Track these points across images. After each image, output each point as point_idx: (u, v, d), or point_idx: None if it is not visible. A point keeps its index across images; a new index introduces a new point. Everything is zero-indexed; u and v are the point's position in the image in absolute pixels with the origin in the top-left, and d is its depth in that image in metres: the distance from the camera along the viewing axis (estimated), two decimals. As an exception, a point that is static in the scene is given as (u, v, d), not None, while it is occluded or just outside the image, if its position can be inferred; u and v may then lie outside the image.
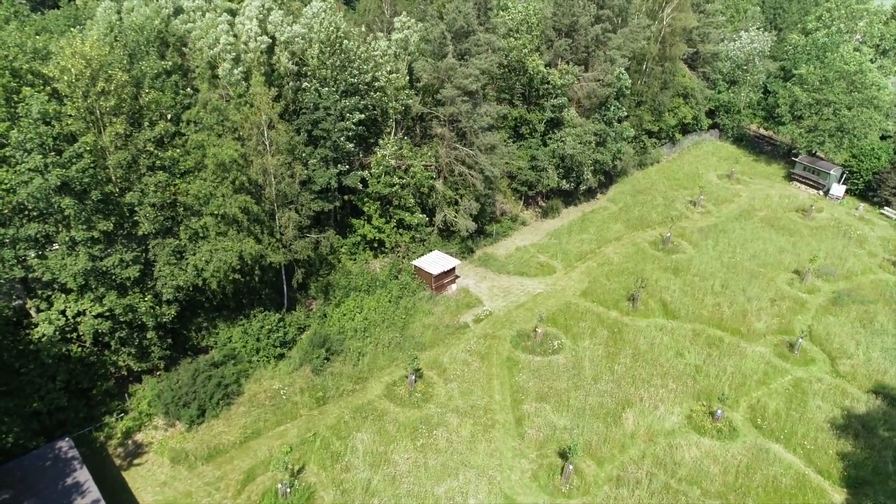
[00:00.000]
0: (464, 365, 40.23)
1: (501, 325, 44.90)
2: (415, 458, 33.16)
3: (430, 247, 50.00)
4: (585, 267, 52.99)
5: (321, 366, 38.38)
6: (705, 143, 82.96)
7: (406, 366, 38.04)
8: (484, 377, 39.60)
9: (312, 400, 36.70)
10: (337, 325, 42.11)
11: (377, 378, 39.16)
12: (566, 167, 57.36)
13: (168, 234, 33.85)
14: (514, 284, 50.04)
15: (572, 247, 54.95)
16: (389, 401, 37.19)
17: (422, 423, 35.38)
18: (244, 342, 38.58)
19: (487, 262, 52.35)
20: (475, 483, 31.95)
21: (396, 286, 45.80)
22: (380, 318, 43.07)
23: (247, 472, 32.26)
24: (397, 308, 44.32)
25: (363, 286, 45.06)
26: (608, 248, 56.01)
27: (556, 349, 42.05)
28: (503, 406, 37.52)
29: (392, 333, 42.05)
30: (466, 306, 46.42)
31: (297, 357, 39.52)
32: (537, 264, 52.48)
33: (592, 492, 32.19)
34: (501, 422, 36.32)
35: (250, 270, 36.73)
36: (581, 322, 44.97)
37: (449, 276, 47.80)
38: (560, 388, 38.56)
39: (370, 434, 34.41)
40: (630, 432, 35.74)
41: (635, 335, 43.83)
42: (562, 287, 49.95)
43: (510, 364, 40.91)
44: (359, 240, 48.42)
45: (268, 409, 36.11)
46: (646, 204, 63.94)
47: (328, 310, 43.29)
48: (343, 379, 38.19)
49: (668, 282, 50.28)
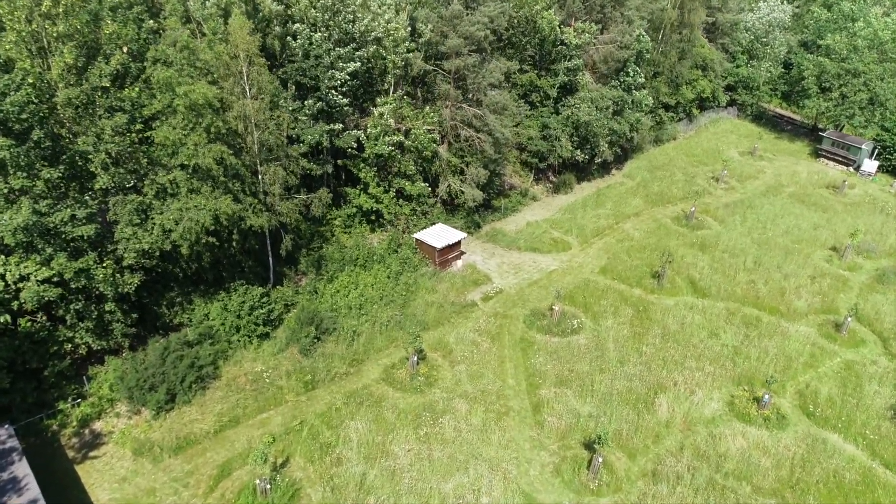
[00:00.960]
0: (472, 346, 35.57)
1: (513, 303, 40.26)
2: (417, 450, 28.51)
3: (433, 220, 45.36)
4: (603, 243, 48.37)
5: (310, 346, 33.70)
6: (723, 121, 78.37)
7: (407, 346, 33.37)
8: (495, 359, 34.93)
9: (300, 384, 32.03)
10: (329, 301, 37.44)
11: (374, 360, 34.50)
12: (581, 137, 52.67)
13: (131, 189, 29.14)
14: (526, 261, 45.41)
15: (588, 222, 50.31)
16: (388, 385, 32.54)
17: (425, 410, 30.73)
18: (223, 319, 33.90)
19: (496, 237, 47.72)
20: (488, 478, 27.29)
21: (396, 261, 41.14)
22: (377, 295, 38.41)
23: (221, 466, 27.58)
24: (397, 284, 39.66)
25: (359, 260, 40.40)
26: (627, 224, 51.40)
27: (575, 329, 37.41)
28: (518, 391, 32.87)
29: (391, 311, 37.38)
30: (474, 283, 41.78)
31: (283, 337, 34.85)
32: (550, 240, 47.88)
33: (625, 488, 27.55)
34: (516, 409, 31.68)
35: (228, 235, 32.02)
36: (602, 300, 40.33)
37: (454, 250, 43.14)
38: (582, 371, 33.91)
39: (366, 422, 29.75)
40: (664, 420, 31.09)
41: (663, 314, 39.20)
42: (578, 264, 45.32)
43: (524, 345, 36.26)
44: (354, 211, 43.73)
45: (248, 394, 31.43)
46: (664, 179, 59.31)
47: (319, 286, 38.61)
48: (335, 361, 33.52)
49: (694, 258, 45.67)
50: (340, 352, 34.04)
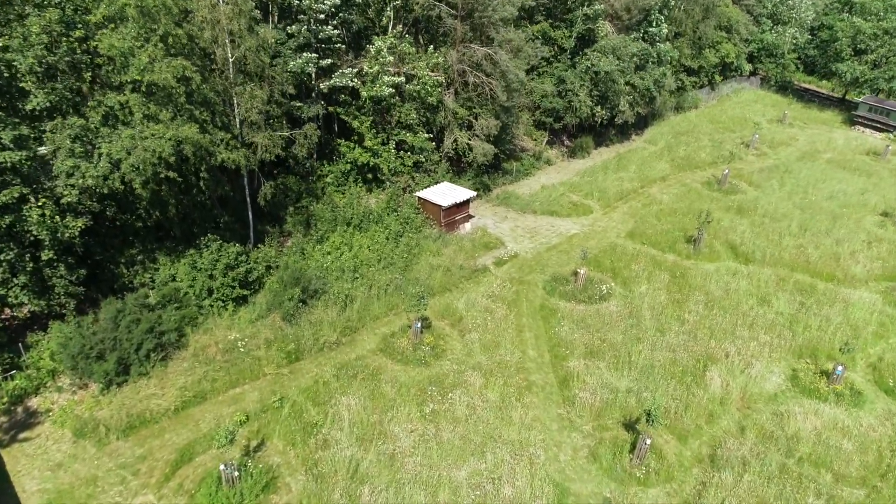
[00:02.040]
0: (486, 313, 30.38)
1: (530, 268, 35.08)
2: (422, 431, 23.33)
3: (438, 180, 40.16)
4: (627, 207, 43.19)
5: (295, 311, 28.50)
6: (745, 91, 73.20)
7: (408, 308, 28.15)
8: (512, 328, 29.75)
9: (281, 355, 26.83)
10: (318, 262, 32.26)
11: (370, 329, 29.32)
12: (600, 93, 47.45)
13: (73, 112, 23.90)
14: (543, 225, 40.22)
15: (610, 185, 45.11)
16: (387, 356, 27.37)
17: (432, 385, 25.55)
18: (192, 280, 28.70)
19: (508, 200, 42.53)
20: (510, 465, 22.11)
21: (395, 221, 35.93)
22: (374, 257, 33.22)
23: (181, 450, 22.39)
24: (397, 246, 34.47)
25: (354, 220, 35.20)
26: (653, 189, 46.22)
27: (604, 295, 32.23)
28: (540, 363, 27.70)
29: (390, 275, 32.18)
30: (485, 247, 36.58)
31: (263, 303, 29.68)
32: (569, 203, 42.69)
33: (678, 477, 22.38)
34: (540, 383, 26.50)
35: (195, 174, 26.79)
36: (632, 265, 35.15)
37: (462, 211, 37.93)
38: (615, 340, 28.73)
39: (360, 398, 24.57)
40: (718, 396, 25.93)
41: (703, 280, 34.02)
42: (602, 228, 40.14)
43: (545, 313, 31.09)
44: (348, 168, 38.51)
45: (219, 365, 26.23)
46: (690, 145, 54.11)
47: (307, 246, 33.42)
48: (324, 329, 28.32)
49: (732, 223, 40.50)
50: (330, 318, 28.85)
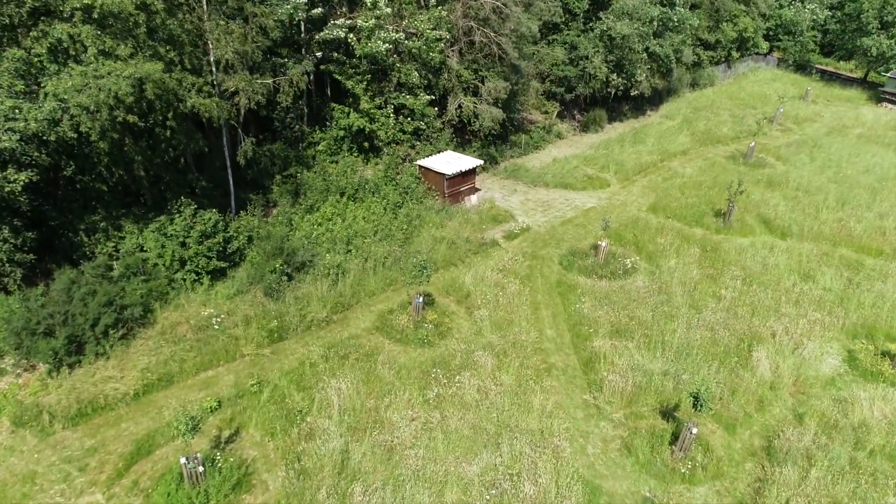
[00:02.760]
0: (496, 288, 26.81)
1: (544, 243, 31.56)
2: (425, 419, 19.79)
3: (441, 149, 36.62)
4: (647, 181, 39.69)
5: (278, 285, 24.94)
6: (762, 70, 69.74)
7: (409, 282, 24.55)
8: (527, 305, 26.20)
9: (262, 333, 23.27)
10: (307, 232, 28.72)
11: (365, 305, 25.79)
12: (616, 59, 43.91)
13: (11, 44, 20.33)
14: (556, 198, 36.70)
15: (627, 159, 41.60)
16: (383, 335, 23.83)
17: (436, 366, 22.00)
18: (161, 249, 25.15)
19: (517, 173, 39.02)
20: (530, 458, 18.56)
21: (394, 191, 32.38)
22: (370, 229, 29.68)
23: (139, 442, 18.84)
24: (395, 218, 30.94)
25: (348, 190, 31.66)
26: (673, 163, 42.74)
27: (628, 270, 28.71)
28: (560, 344, 24.15)
29: (388, 247, 28.64)
30: (493, 220, 33.06)
31: (243, 276, 26.13)
32: (584, 177, 39.19)
33: (729, 472, 18.84)
34: (560, 365, 22.95)
35: (162, 122, 23.19)
36: (657, 238, 31.63)
37: (467, 181, 34.40)
38: (644, 318, 25.18)
39: (352, 382, 21.01)
40: (767, 380, 22.38)
41: (738, 254, 30.52)
42: (621, 201, 36.62)
43: (563, 289, 27.55)
44: (342, 134, 34.96)
45: (191, 345, 22.67)
46: (710, 120, 50.62)
47: (295, 216, 29.88)
48: (312, 304, 24.77)
49: (762, 196, 37.00)
50: (320, 293, 25.30)
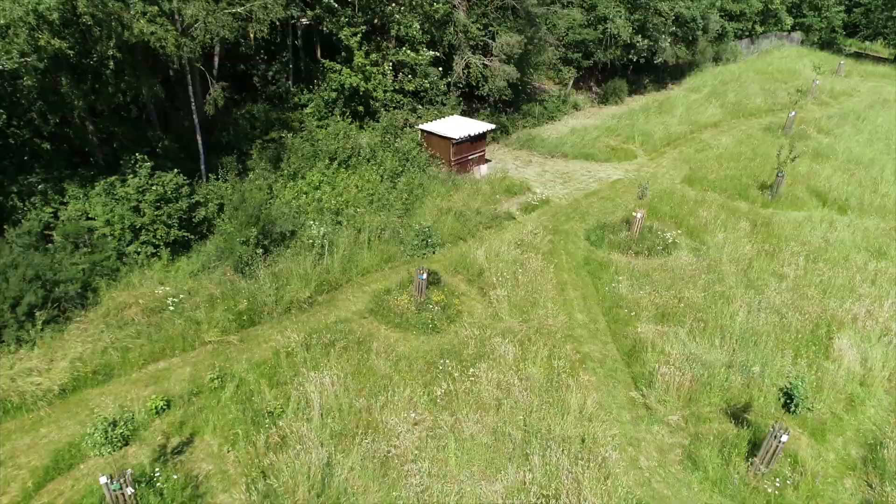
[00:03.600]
0: (514, 265, 22.40)
1: (566, 216, 27.22)
2: (432, 423, 15.42)
3: (446, 114, 32.29)
4: (677, 153, 35.35)
5: (251, 259, 20.55)
6: (786, 48, 65.37)
7: (410, 255, 20.17)
8: (551, 285, 21.81)
9: (229, 316, 18.88)
10: (289, 199, 24.37)
11: (357, 284, 21.42)
12: (640, 22, 39.58)
13: None
14: (577, 169, 32.37)
15: (654, 129, 37.26)
16: (379, 319, 19.47)
17: (444, 357, 17.62)
18: (109, 215, 20.78)
19: (532, 143, 34.68)
20: (569, 473, 14.15)
21: (392, 157, 28.00)
22: (364, 198, 25.32)
23: (58, 453, 14.47)
24: (394, 187, 26.59)
25: (339, 156, 27.29)
26: (704, 135, 38.40)
27: (668, 245, 24.34)
28: (594, 330, 19.78)
29: (385, 218, 24.27)
30: (507, 191, 28.70)
31: (211, 250, 21.75)
32: (607, 147, 34.88)
33: (826, 493, 14.46)
34: (597, 356, 18.58)
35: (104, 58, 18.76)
36: (699, 211, 27.27)
37: (476, 148, 30.04)
38: (694, 300, 20.81)
39: (339, 376, 16.61)
40: (857, 374, 18.00)
41: (794, 229, 26.14)
42: (650, 173, 32.28)
43: (593, 267, 23.19)
44: (333, 96, 30.57)
45: (139, 330, 18.30)
46: (739, 93, 46.25)
47: (276, 183, 25.51)
48: (293, 283, 20.39)
49: (809, 168, 32.65)
50: (302, 270, 20.91)
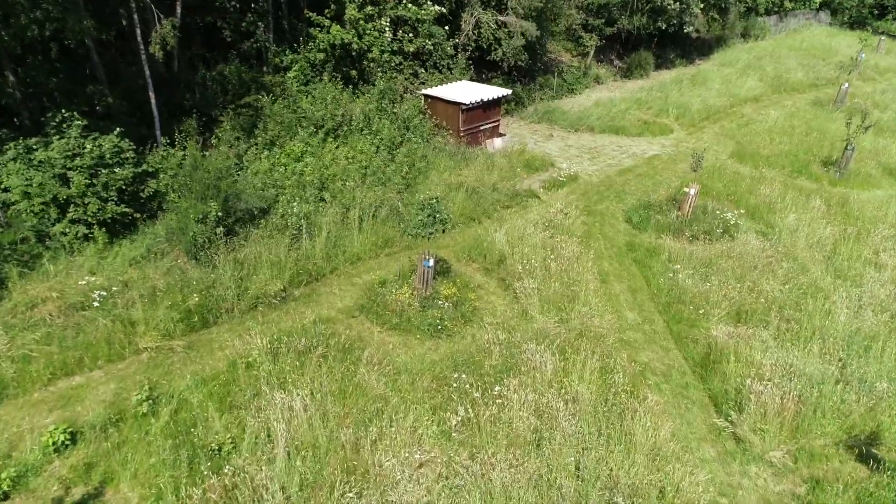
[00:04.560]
0: (545, 251, 17.78)
1: (599, 195, 22.70)
2: (444, 465, 10.85)
3: (452, 81, 27.77)
4: (719, 128, 30.83)
5: (209, 242, 15.97)
6: (814, 27, 60.87)
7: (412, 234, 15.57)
8: (591, 276, 17.22)
9: (174, 316, 14.30)
10: (262, 173, 19.80)
11: (345, 275, 16.87)
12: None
13: None
14: (605, 144, 27.87)
15: (690, 102, 32.74)
16: (372, 319, 14.91)
17: (458, 370, 13.05)
18: (26, 185, 16.23)
19: (552, 116, 30.17)
20: (647, 545, 9.64)
21: (390, 126, 23.43)
22: (356, 171, 20.75)
23: None
24: (392, 159, 22.05)
25: (326, 122, 22.75)
26: (745, 109, 33.88)
27: (729, 227, 19.79)
28: (650, 333, 15.24)
29: (381, 193, 19.71)
30: (527, 167, 24.14)
31: (161, 231, 17.19)
32: (638, 121, 30.37)
33: None
34: (659, 367, 14.02)
35: None
36: (760, 189, 22.74)
37: (490, 116, 25.48)
38: (775, 295, 16.25)
39: (314, 396, 12.06)
40: None
41: (877, 209, 21.64)
42: (690, 148, 27.68)
43: (639, 254, 18.67)
44: (321, 57, 26.00)
45: (51, 334, 13.75)
46: (778, 67, 41.74)
47: (246, 154, 20.95)
48: (261, 272, 15.80)
49: (874, 144, 28.18)
50: (274, 256, 16.35)
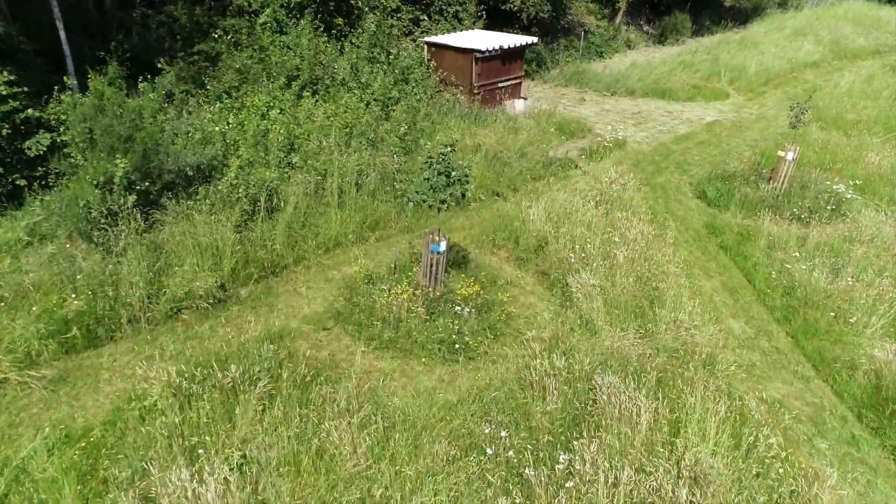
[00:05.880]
0: (601, 234, 12.52)
1: (655, 166, 17.56)
2: None
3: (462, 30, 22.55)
4: (782, 93, 25.73)
5: (110, 217, 10.71)
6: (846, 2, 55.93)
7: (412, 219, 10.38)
8: (673, 269, 11.96)
9: (40, 331, 9.06)
10: (207, 128, 14.56)
11: (318, 265, 11.61)
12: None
13: None
14: (651, 109, 22.76)
15: (745, 64, 27.67)
16: (353, 331, 9.64)
17: (491, 418, 7.81)
18: None
19: (582, 78, 25.07)
20: None
21: (384, 78, 18.18)
22: (341, 128, 15.52)
23: None
24: (387, 116, 16.86)
25: (302, 73, 17.55)
26: (806, 74, 28.79)
27: (840, 203, 14.61)
28: (771, 351, 10.01)
29: (370, 158, 14.45)
30: (559, 131, 18.93)
31: (55, 204, 11.94)
32: (686, 85, 25.26)
33: None
34: (804, 411, 8.77)
35: None
36: (866, 155, 17.58)
37: (510, 72, 20.26)
38: (944, 293, 11.09)
39: (251, 465, 6.84)
40: None
41: None
42: (755, 115, 22.70)
43: (726, 238, 13.50)
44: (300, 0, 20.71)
45: None
46: (832, 33, 36.71)
47: (188, 105, 15.69)
48: (188, 263, 10.55)
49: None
50: (212, 240, 11.08)
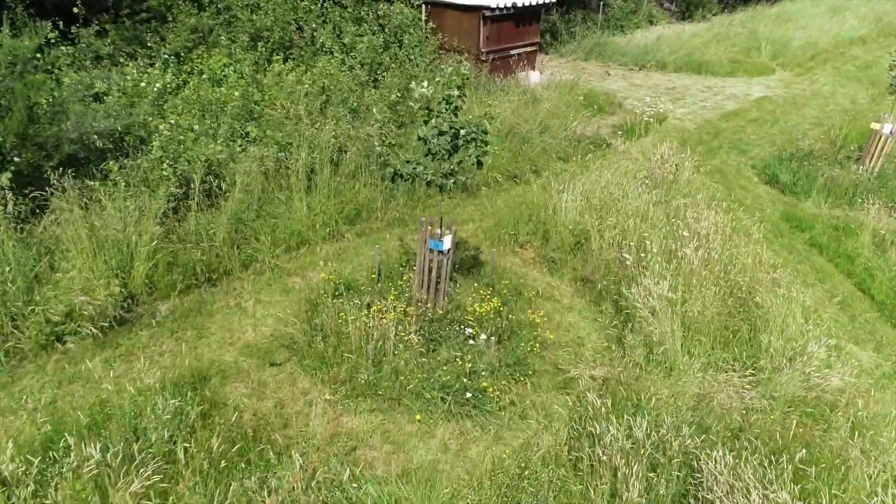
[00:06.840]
0: (662, 229, 9.28)
1: (705, 147, 14.33)
2: None
3: None
4: (832, 69, 22.70)
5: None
6: (875, -12, 52.84)
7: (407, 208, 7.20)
8: (764, 275, 8.67)
9: None
10: (140, 92, 11.30)
11: (273, 268, 8.34)
12: None
13: None
14: (688, 85, 19.61)
15: (789, 38, 24.59)
16: (312, 368, 6.37)
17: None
18: None
19: (604, 52, 21.99)
20: None
21: (372, 40, 14.94)
22: (315, 94, 12.27)
23: None
24: (374, 84, 13.61)
25: (273, 34, 14.30)
26: (853, 50, 25.70)
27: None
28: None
29: (351, 130, 11.20)
30: (585, 105, 15.65)
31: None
32: (725, 59, 22.12)
33: None
34: None
35: None
36: (964, 132, 14.37)
37: (524, 36, 17.01)
38: None
39: None
40: None
41: None
42: (808, 91, 19.59)
43: (816, 233, 10.24)
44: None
45: None
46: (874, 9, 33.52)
47: (120, 68, 12.43)
48: (78, 266, 7.32)
49: None
50: (119, 234, 7.83)
